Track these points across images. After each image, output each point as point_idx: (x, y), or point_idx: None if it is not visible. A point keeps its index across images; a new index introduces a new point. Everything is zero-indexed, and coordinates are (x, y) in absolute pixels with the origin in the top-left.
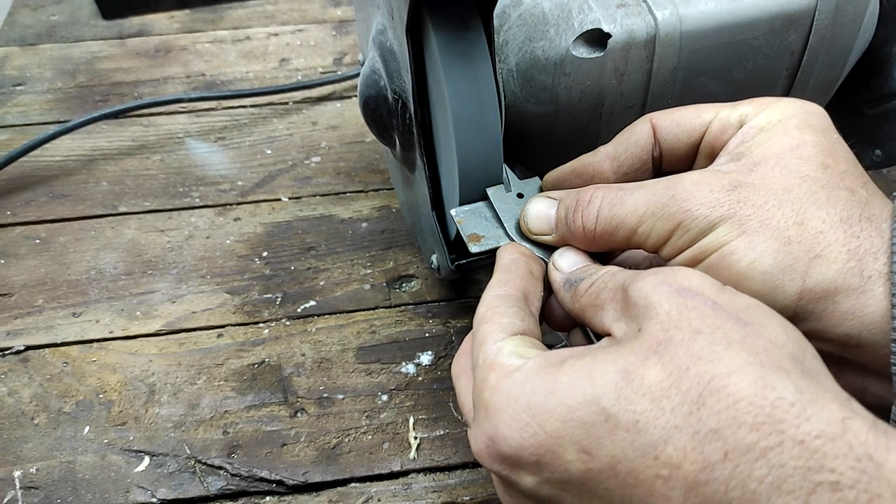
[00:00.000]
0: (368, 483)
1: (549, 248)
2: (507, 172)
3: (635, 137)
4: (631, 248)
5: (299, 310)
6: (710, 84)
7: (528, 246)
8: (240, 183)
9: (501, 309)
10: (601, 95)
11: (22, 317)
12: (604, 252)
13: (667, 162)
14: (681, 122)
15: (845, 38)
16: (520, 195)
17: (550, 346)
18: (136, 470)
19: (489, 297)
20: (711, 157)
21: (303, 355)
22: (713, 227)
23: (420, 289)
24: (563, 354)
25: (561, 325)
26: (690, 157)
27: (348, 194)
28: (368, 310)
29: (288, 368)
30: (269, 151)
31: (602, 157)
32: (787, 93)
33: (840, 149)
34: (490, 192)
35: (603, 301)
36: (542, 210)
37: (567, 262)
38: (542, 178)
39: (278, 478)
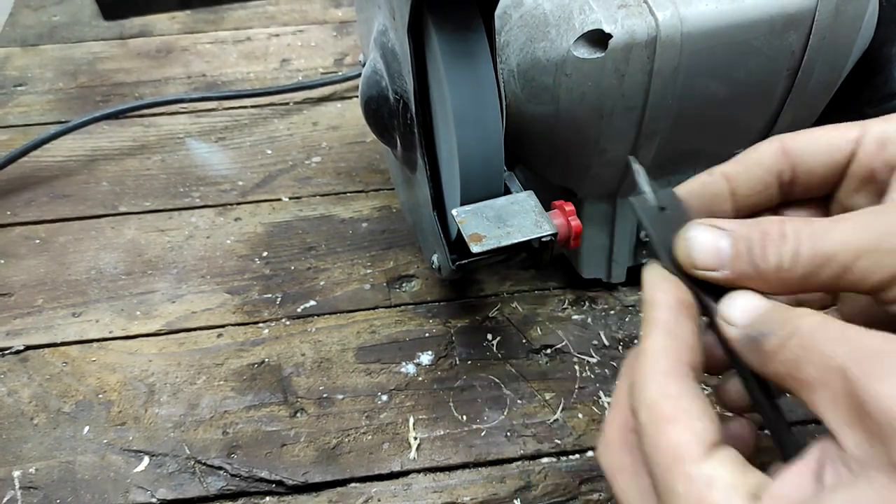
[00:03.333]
0: (368, 483)
1: (703, 284)
2: (641, 176)
3: (757, 156)
4: (838, 290)
5: (299, 310)
6: (711, 85)
7: (680, 278)
8: (240, 183)
9: (684, 402)
10: (602, 96)
11: (22, 317)
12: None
13: (801, 186)
14: (819, 141)
15: (845, 38)
16: (661, 208)
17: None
18: (135, 470)
19: (655, 372)
20: (870, 179)
21: (303, 355)
22: None
23: (420, 289)
24: (796, 492)
25: (717, 369)
26: (831, 179)
27: (349, 194)
28: (368, 310)
29: (288, 368)
30: (269, 151)
31: (717, 176)
32: (787, 93)
33: None
34: (634, 201)
35: (809, 379)
36: (709, 241)
37: (740, 313)
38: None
39: (278, 478)
